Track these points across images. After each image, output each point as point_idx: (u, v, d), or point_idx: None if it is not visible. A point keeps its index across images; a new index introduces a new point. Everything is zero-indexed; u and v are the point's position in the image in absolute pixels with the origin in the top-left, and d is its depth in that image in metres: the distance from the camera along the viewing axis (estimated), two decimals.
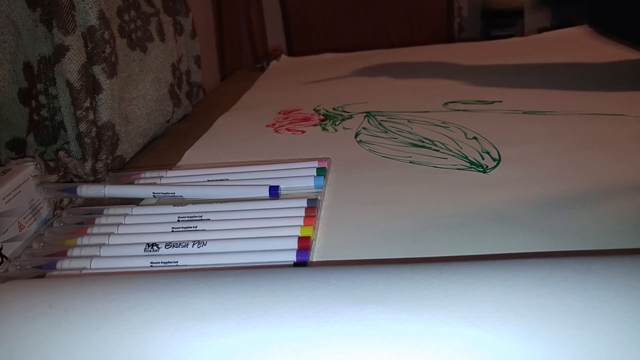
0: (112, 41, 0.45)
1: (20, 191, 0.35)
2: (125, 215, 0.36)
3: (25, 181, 0.36)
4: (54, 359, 0.20)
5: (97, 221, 0.35)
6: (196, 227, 0.33)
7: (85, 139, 0.42)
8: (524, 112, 0.52)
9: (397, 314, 0.20)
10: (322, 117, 0.57)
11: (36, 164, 0.37)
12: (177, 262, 0.30)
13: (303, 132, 0.53)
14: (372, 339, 0.19)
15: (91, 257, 0.31)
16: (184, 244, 0.31)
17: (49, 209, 0.38)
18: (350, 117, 0.56)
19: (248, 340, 0.19)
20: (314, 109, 0.60)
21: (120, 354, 0.20)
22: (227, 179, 0.40)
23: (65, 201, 0.39)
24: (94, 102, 0.43)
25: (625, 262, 0.21)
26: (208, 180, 0.40)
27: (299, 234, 0.31)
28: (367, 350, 0.19)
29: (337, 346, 0.19)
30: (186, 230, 0.33)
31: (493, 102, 0.56)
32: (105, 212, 0.36)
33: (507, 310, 0.19)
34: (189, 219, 0.34)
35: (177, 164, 0.47)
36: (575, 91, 0.57)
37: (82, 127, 0.42)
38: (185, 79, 0.63)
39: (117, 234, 0.33)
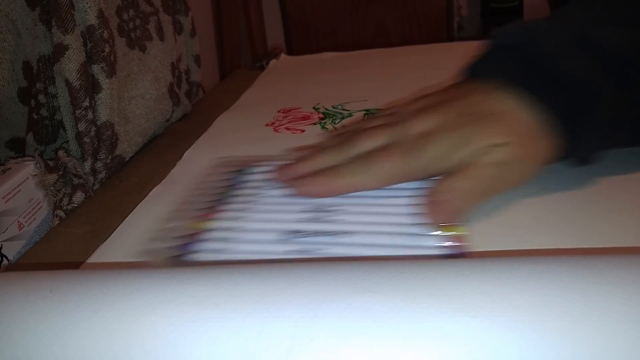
0: (111, 40, 0.45)
1: (20, 190, 0.35)
2: (254, 199, 0.35)
3: (24, 180, 0.36)
4: (53, 341, 0.20)
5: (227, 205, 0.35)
6: (333, 218, 0.32)
7: (85, 138, 0.42)
8: None
9: (393, 302, 0.20)
10: (321, 115, 0.57)
11: (36, 163, 0.37)
12: (319, 249, 0.29)
13: (302, 131, 0.53)
14: (368, 326, 0.19)
15: (227, 240, 0.31)
16: (329, 233, 0.30)
17: (48, 209, 0.38)
18: (350, 115, 0.56)
19: (245, 325, 0.20)
20: (314, 107, 0.60)
21: (117, 336, 0.20)
22: None
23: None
24: (93, 102, 0.43)
25: (623, 259, 0.21)
26: None
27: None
28: (362, 337, 0.19)
29: (333, 332, 0.19)
30: (321, 221, 0.32)
31: None
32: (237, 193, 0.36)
33: (504, 301, 0.19)
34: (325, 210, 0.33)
35: (177, 163, 0.47)
36: None
37: (81, 126, 0.42)
38: (185, 78, 0.63)
39: (250, 219, 0.33)
